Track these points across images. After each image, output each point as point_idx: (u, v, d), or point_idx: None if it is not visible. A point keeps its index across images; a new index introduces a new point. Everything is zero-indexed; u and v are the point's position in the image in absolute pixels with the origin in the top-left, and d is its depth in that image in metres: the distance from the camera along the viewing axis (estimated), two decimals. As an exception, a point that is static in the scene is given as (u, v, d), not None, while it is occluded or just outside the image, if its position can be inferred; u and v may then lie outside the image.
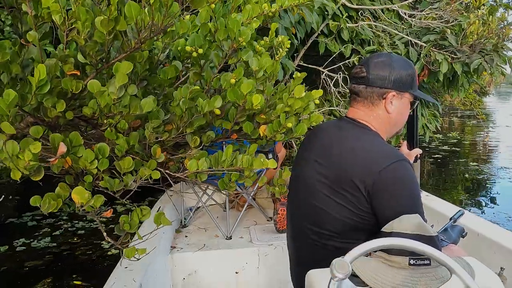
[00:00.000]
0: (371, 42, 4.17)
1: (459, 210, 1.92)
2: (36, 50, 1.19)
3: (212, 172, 1.99)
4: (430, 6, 4.03)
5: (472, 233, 2.35)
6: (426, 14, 3.95)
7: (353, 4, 4.04)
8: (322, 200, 1.52)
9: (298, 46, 4.16)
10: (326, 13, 3.95)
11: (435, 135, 11.54)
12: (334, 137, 1.60)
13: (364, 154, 1.48)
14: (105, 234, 1.43)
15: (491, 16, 3.65)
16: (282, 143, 3.75)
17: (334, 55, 4.22)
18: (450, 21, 3.84)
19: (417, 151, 1.86)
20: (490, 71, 3.83)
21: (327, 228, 1.52)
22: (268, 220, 3.45)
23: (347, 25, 4.05)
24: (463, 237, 1.79)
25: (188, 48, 1.33)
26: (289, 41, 1.92)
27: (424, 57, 3.89)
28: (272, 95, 1.66)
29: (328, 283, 0.96)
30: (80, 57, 1.13)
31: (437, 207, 2.85)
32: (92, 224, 4.76)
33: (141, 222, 1.32)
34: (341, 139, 1.57)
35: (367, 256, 1.16)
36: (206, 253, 2.90)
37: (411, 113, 1.73)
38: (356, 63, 4.14)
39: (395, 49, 4.00)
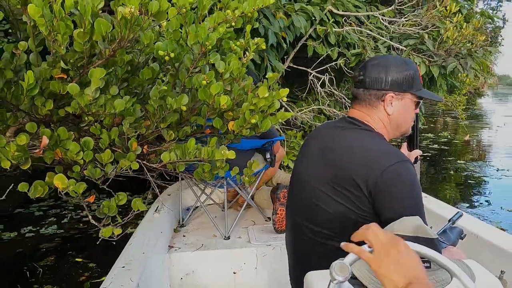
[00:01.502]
0: (356, 45, 4.29)
1: (458, 212, 1.88)
2: (25, 57, 1.32)
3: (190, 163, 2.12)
4: (410, 13, 4.15)
5: (470, 235, 2.32)
6: (406, 20, 4.07)
7: (339, 11, 4.16)
8: (320, 198, 1.50)
9: (288, 49, 4.29)
10: (313, 18, 4.08)
11: (427, 134, 11.70)
12: (332, 136, 1.58)
13: (363, 153, 1.45)
14: (90, 217, 1.58)
15: (465, 23, 3.77)
16: (281, 143, 3.66)
17: (322, 57, 4.35)
18: (429, 27, 3.97)
19: (417, 152, 1.82)
20: (466, 74, 3.95)
21: (325, 226, 1.49)
22: (266, 220, 3.35)
23: (334, 30, 4.17)
24: (461, 239, 1.76)
25: (161, 52, 1.47)
26: (264, 43, 2.06)
27: (404, 60, 4.01)
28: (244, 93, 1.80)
29: (327, 286, 0.93)
30: (62, 64, 1.27)
31: (435, 209, 2.80)
32: (95, 213, 4.93)
33: (118, 206, 1.46)
34: (339, 137, 1.55)
35: None
36: (204, 253, 2.83)
37: None
38: (342, 65, 4.33)
39: (378, 53, 4.12)
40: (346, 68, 4.29)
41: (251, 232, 3.12)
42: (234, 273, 2.83)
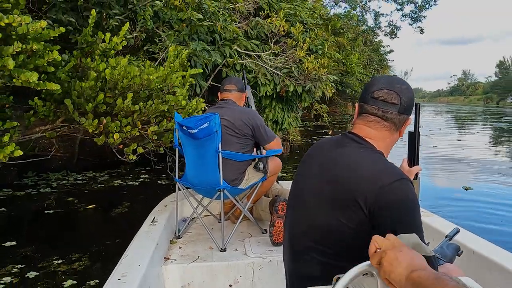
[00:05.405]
0: (254, 71, 6.28)
1: (455, 228, 1.82)
2: (98, 88, 3.13)
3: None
4: (287, 52, 6.22)
5: (467, 251, 2.22)
6: (284, 58, 6.14)
7: (241, 49, 6.14)
8: (320, 215, 1.43)
9: (210, 73, 6.20)
10: (225, 54, 6.02)
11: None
12: (333, 154, 1.49)
13: (363, 170, 1.37)
14: (115, 150, 3.38)
15: (315, 61, 5.94)
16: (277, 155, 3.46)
17: (232, 78, 6.29)
18: (297, 61, 6.06)
19: (418, 168, 1.73)
20: (318, 91, 6.09)
21: (323, 243, 1.42)
22: (263, 233, 3.23)
23: (239, 61, 6.13)
24: (458, 255, 1.67)
25: (142, 94, 3.33)
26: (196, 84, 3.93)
27: (282, 82, 6.08)
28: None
29: None
30: (112, 93, 3.10)
31: (433, 224, 2.70)
32: (75, 180, 6.60)
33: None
34: (339, 155, 1.46)
35: (364, 274, 1.02)
36: (200, 265, 2.71)
37: (413, 131, 1.67)
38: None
39: (266, 77, 6.14)
40: (247, 86, 6.27)
41: (248, 245, 3.01)
42: (230, 285, 2.72)
